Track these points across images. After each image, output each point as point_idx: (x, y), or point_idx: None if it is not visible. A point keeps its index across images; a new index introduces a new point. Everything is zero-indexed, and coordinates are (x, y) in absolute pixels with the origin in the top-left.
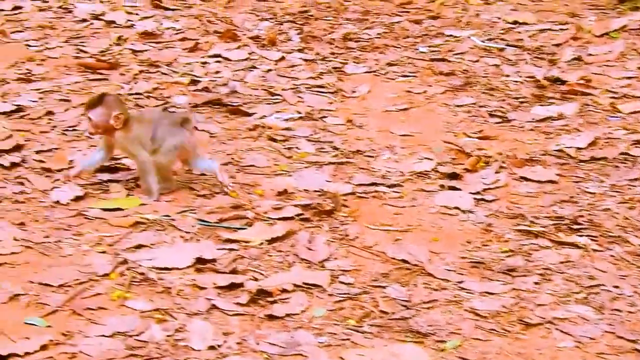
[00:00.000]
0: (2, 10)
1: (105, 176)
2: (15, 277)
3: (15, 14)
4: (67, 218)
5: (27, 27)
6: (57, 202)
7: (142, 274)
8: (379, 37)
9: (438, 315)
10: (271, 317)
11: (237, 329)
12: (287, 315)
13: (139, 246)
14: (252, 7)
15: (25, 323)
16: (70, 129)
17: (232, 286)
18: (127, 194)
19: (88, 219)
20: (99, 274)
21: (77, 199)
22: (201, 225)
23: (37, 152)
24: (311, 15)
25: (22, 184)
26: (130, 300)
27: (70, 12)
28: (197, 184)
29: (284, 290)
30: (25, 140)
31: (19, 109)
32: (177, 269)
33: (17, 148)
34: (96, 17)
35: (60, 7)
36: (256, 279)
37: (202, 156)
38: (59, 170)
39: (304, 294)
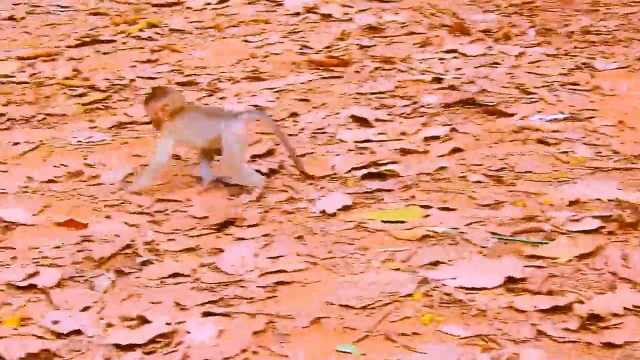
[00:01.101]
0: (209, 4)
1: (374, 184)
2: (309, 298)
3: (223, 7)
4: (345, 231)
5: (240, 22)
6: (324, 211)
7: (449, 294)
8: (618, 30)
9: None
10: (609, 346)
11: (573, 358)
12: (626, 343)
13: (436, 263)
14: None
15: (337, 351)
16: (319, 131)
17: (556, 309)
18: (405, 204)
19: (369, 231)
20: (401, 294)
21: (345, 208)
22: (496, 239)
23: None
24: (537, 6)
25: (285, 191)
26: (443, 325)
27: (280, 5)
28: (478, 192)
29: (615, 315)
30: (275, 144)
31: (258, 109)
32: (486, 289)
33: (270, 152)
34: (310, 10)
35: (269, 0)
36: (582, 302)
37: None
38: (322, 177)
39: (636, 318)
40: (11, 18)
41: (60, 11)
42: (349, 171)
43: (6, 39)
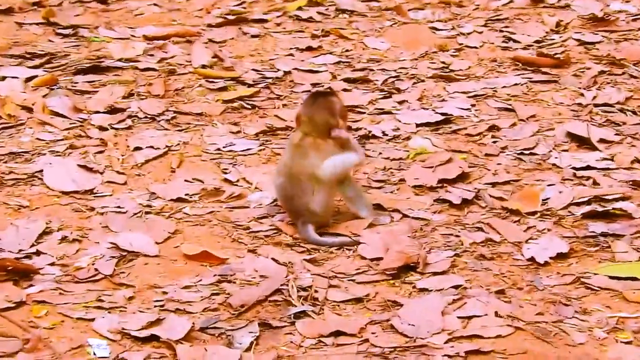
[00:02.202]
0: None
1: (599, 226)
2: None
3: None
4: (561, 286)
5: (426, 3)
6: (532, 259)
7: None
8: None
9: None
10: None
11: None
12: None
13: None
14: None
15: None
16: (527, 151)
17: None
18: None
19: (592, 289)
20: None
21: (561, 257)
22: None
23: (492, 185)
24: None
25: (481, 229)
26: None
27: None
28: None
29: None
30: (470, 166)
31: (447, 119)
32: None
33: (462, 177)
34: None
35: None
36: None
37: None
38: (531, 214)
39: None
40: None
41: None
42: (566, 207)
43: (130, 11)
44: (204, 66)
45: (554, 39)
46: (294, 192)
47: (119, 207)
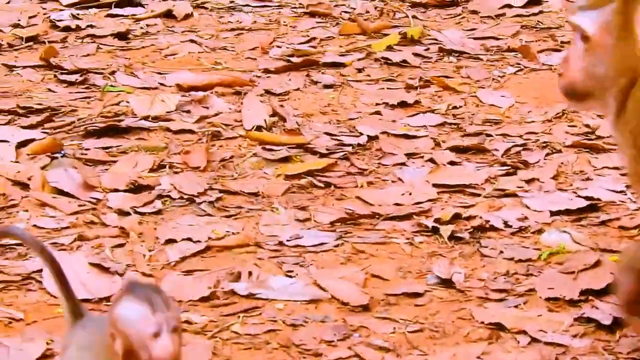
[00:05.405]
0: None
1: None
2: None
3: None
4: None
5: (562, 43)
6: None
7: None
8: None
9: None
10: None
11: None
12: None
13: None
14: None
15: None
16: None
17: None
18: None
19: None
20: None
21: None
22: None
23: None
24: None
25: None
26: None
27: None
28: None
29: None
30: None
31: (594, 205)
32: None
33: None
34: None
35: None
36: None
37: None
38: None
39: None
40: (168, 15)
41: (257, 6)
42: None
43: (158, 50)
44: (259, 128)
45: None
46: None
47: None
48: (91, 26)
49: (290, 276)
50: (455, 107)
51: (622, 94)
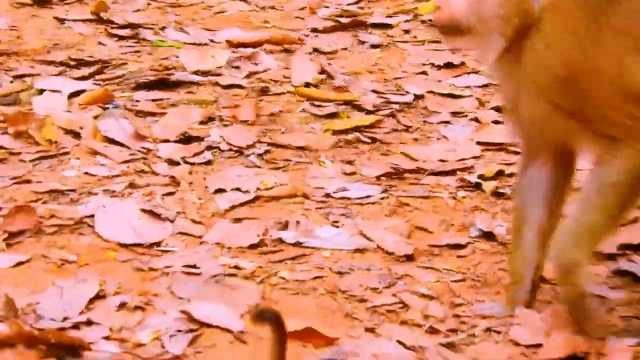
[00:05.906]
0: None
1: None
2: None
3: None
4: None
5: None
6: None
7: None
8: None
9: None
10: None
11: None
12: None
13: None
14: None
15: None
16: None
17: None
18: None
19: None
20: None
21: None
22: None
23: None
24: None
25: None
26: None
27: None
28: None
29: None
30: None
31: None
32: None
33: None
34: None
35: None
36: None
37: None
38: None
39: None
40: None
41: None
42: None
43: (208, 7)
44: (307, 84)
45: None
46: None
47: (193, 266)
48: None
49: (336, 226)
50: None
51: (515, 36)
